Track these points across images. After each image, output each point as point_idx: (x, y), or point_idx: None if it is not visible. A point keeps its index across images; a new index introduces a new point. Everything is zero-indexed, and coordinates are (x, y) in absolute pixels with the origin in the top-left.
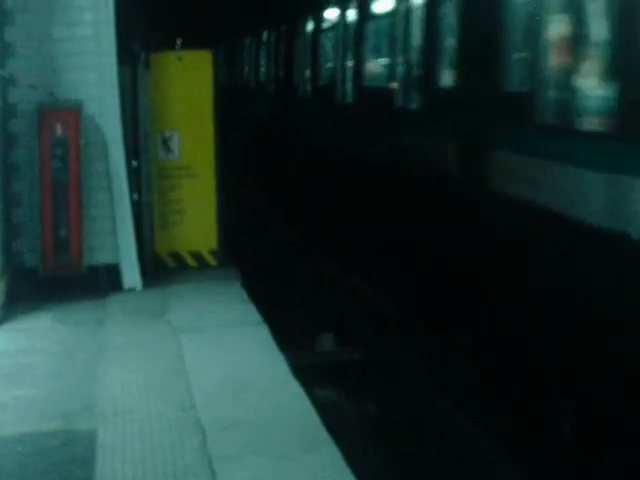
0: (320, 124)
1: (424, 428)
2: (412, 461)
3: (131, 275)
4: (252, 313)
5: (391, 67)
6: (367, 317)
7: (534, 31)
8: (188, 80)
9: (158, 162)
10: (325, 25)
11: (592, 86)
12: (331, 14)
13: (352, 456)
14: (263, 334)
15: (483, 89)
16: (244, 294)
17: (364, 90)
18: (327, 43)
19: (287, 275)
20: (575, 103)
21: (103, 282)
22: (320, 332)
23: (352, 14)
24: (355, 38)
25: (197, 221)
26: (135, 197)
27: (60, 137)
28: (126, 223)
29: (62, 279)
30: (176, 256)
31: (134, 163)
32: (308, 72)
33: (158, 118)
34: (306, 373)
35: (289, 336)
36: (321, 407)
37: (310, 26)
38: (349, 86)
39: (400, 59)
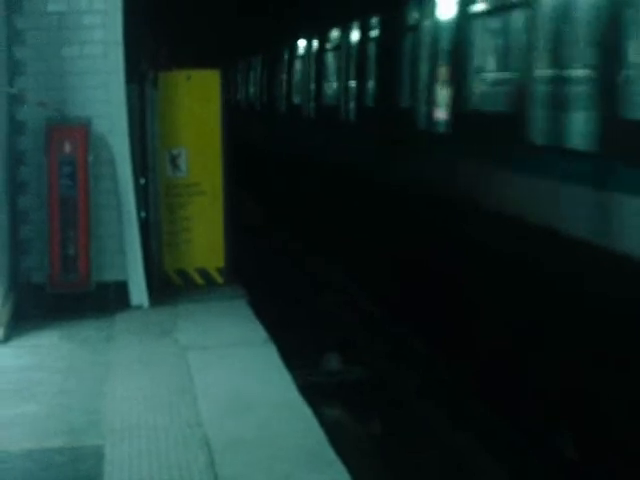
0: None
1: (429, 448)
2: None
3: (138, 293)
4: (259, 331)
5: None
6: (373, 336)
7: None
8: (196, 99)
9: (166, 180)
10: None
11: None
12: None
13: (358, 476)
14: (270, 353)
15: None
16: (251, 312)
17: (323, 107)
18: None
19: (292, 293)
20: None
21: (110, 300)
22: (326, 351)
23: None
24: (311, 66)
25: (204, 239)
26: (143, 215)
27: (68, 155)
28: (134, 241)
29: (69, 296)
30: (183, 274)
31: (142, 181)
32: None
33: (166, 136)
34: (312, 392)
35: (295, 355)
36: (328, 426)
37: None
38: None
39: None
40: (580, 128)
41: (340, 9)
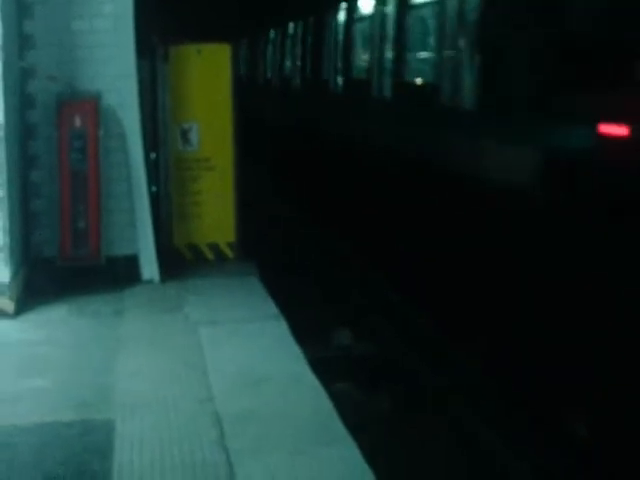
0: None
1: (437, 423)
2: (427, 456)
3: (149, 267)
4: (270, 307)
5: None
6: (383, 312)
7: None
8: (207, 73)
9: (177, 154)
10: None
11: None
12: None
13: (369, 451)
14: (281, 328)
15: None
16: (261, 287)
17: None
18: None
19: (305, 269)
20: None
21: (121, 274)
22: (337, 326)
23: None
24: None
25: (215, 213)
26: (154, 189)
27: (79, 128)
28: (144, 215)
29: (80, 270)
30: (194, 248)
31: (153, 155)
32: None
33: (177, 110)
34: (323, 367)
35: (306, 330)
36: (338, 401)
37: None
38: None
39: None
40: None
41: (298, 10)
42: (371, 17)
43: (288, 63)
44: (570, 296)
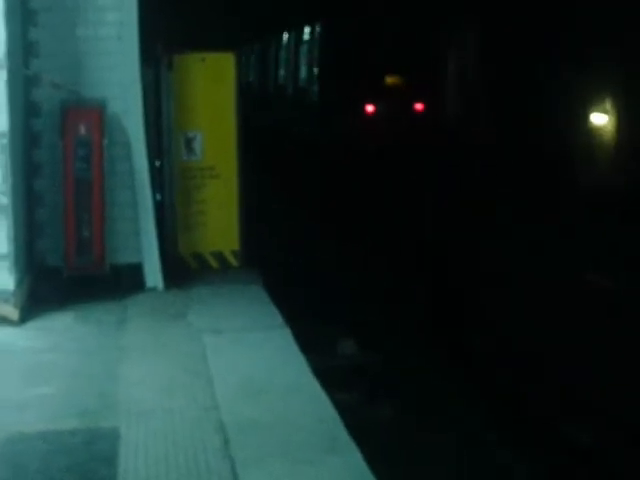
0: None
1: (444, 431)
2: (431, 465)
3: (153, 275)
4: (274, 315)
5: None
6: (387, 321)
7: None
8: (211, 81)
9: (181, 163)
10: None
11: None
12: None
13: (373, 460)
14: (285, 337)
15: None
16: (266, 296)
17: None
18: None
19: (309, 277)
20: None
21: (125, 282)
22: (341, 336)
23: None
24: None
25: (219, 222)
26: (158, 197)
27: (83, 137)
28: (149, 223)
29: (84, 279)
30: (198, 257)
31: (157, 163)
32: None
33: (181, 119)
34: (327, 376)
35: (310, 339)
36: (342, 410)
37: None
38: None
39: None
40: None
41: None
42: (281, 46)
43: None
44: None
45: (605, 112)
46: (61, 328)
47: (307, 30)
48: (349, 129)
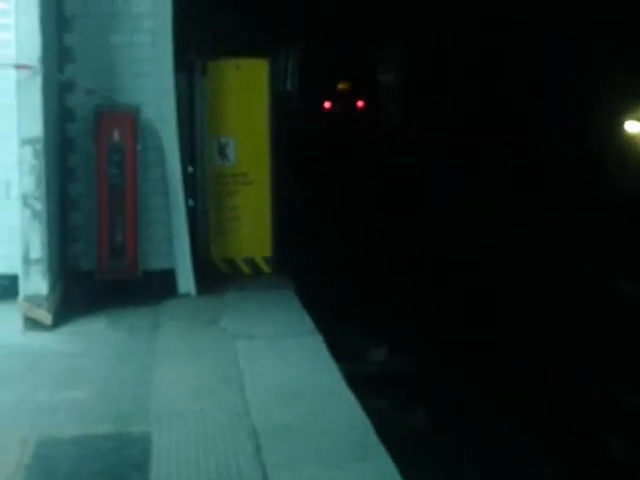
0: None
1: (474, 439)
2: (463, 473)
3: (186, 281)
4: (306, 322)
5: None
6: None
7: None
8: (245, 88)
9: (214, 169)
10: None
11: None
12: None
13: (404, 467)
14: (317, 343)
15: None
16: (297, 302)
17: None
18: None
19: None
20: None
21: (157, 287)
22: (373, 342)
23: None
24: None
25: (252, 228)
26: (191, 203)
27: (117, 142)
28: (182, 229)
29: (117, 283)
30: (231, 263)
31: (190, 169)
32: None
33: (214, 125)
34: (359, 382)
35: (342, 345)
36: (373, 417)
37: None
38: None
39: None
40: None
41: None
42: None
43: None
44: None
45: None
46: (93, 333)
47: (291, 52)
48: (314, 119)
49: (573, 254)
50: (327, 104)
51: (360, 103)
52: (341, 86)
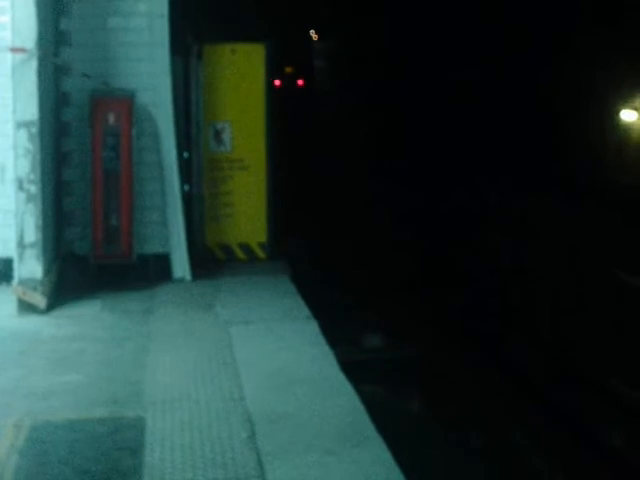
0: None
1: (470, 426)
2: (457, 459)
3: (180, 266)
4: (301, 307)
5: None
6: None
7: None
8: (241, 72)
9: (210, 154)
10: None
11: None
12: None
13: (399, 453)
14: (312, 329)
15: None
16: (293, 288)
17: None
18: None
19: (338, 271)
20: None
21: (152, 272)
22: (368, 329)
23: None
24: None
25: (247, 214)
26: (186, 188)
27: (112, 126)
28: (177, 214)
29: (112, 268)
30: (226, 248)
31: (186, 154)
32: None
33: (210, 110)
34: (354, 369)
35: (337, 331)
36: (369, 403)
37: None
38: None
39: None
40: None
41: None
42: None
43: None
44: None
45: None
46: (88, 316)
47: None
48: None
49: None
50: (277, 82)
51: (300, 82)
52: (287, 69)
